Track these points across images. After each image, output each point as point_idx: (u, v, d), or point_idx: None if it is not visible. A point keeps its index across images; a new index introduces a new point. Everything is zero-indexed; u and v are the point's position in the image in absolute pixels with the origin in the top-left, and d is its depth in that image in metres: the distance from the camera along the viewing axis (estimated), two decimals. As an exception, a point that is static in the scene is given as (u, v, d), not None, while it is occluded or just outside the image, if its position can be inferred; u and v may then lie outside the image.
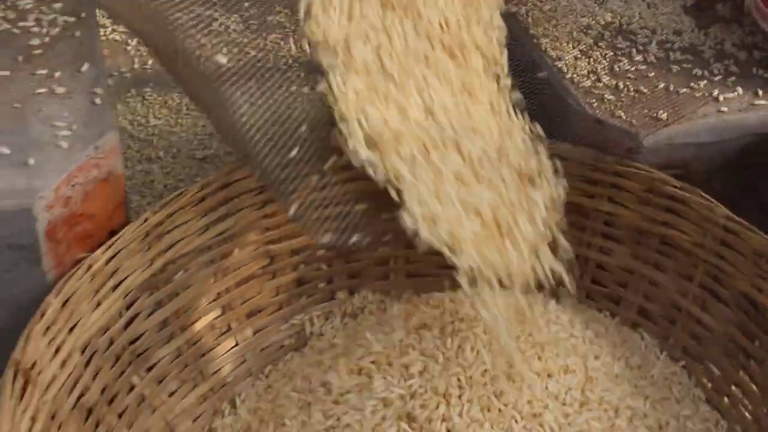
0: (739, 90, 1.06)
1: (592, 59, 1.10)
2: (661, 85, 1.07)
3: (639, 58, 1.11)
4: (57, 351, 0.90)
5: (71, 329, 0.92)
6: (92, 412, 0.95)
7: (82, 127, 0.95)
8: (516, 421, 0.86)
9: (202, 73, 0.85)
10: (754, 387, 0.98)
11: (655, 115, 1.03)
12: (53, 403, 0.89)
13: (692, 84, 1.07)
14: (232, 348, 1.07)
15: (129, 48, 1.54)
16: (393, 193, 0.85)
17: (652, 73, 1.09)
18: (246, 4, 0.96)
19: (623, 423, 0.90)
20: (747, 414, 0.99)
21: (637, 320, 1.06)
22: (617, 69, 1.09)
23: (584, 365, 0.92)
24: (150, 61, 1.51)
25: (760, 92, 1.06)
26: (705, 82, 1.07)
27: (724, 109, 1.04)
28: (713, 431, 0.98)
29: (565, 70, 1.08)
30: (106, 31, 1.54)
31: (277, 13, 1.01)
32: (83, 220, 0.94)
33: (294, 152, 0.90)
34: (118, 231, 0.97)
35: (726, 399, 1.00)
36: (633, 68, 1.09)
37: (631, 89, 1.06)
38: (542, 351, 0.91)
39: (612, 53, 1.11)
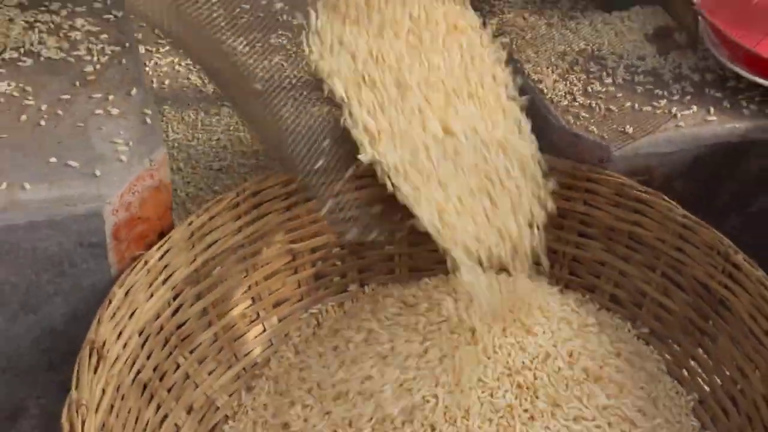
0: (694, 107, 1.24)
1: (568, 82, 1.27)
2: (628, 104, 1.24)
3: (608, 80, 1.28)
4: (120, 334, 1.06)
5: (131, 315, 1.08)
6: (147, 387, 1.11)
7: (136, 143, 1.11)
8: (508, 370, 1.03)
9: (250, 92, 1.02)
10: (709, 360, 1.16)
11: (623, 129, 1.20)
12: (118, 378, 1.05)
13: (654, 102, 1.24)
14: (260, 333, 1.23)
15: (147, 68, 1.68)
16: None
17: (620, 94, 1.26)
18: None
19: (597, 388, 1.07)
20: (703, 384, 1.16)
21: (609, 305, 1.23)
22: (590, 90, 1.27)
23: (565, 340, 1.09)
24: (167, 81, 1.65)
25: (712, 110, 1.23)
26: (665, 101, 1.25)
27: (681, 124, 1.21)
28: (674, 398, 1.15)
29: (546, 92, 1.25)
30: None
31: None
32: (140, 223, 1.10)
33: (320, 162, 1.06)
34: (166, 232, 1.13)
35: (685, 371, 1.18)
36: (603, 89, 1.27)
37: (602, 108, 1.24)
38: (525, 320, 1.08)
39: (585, 76, 1.29)
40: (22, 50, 1.23)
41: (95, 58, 1.23)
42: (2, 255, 1.04)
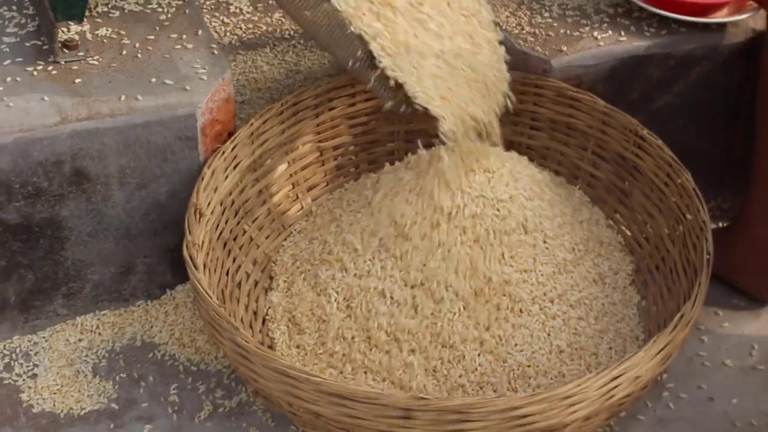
0: (610, 32, 1.68)
1: (517, 16, 1.72)
2: (562, 31, 1.69)
3: (546, 14, 1.72)
4: (209, 203, 1.49)
5: (215, 190, 1.50)
6: (226, 244, 1.53)
7: (210, 67, 1.53)
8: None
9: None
10: (627, 211, 1.61)
11: (559, 48, 1.65)
12: (209, 234, 1.48)
13: (580, 29, 1.69)
14: (299, 210, 1.66)
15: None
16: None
17: (556, 24, 1.70)
18: None
19: (551, 224, 1.52)
20: (626, 229, 1.62)
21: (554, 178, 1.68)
22: (533, 22, 1.71)
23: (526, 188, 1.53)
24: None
25: (623, 33, 1.68)
26: (588, 27, 1.69)
27: (601, 44, 1.66)
28: (611, 236, 1.60)
29: (501, 24, 1.69)
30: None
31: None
32: (217, 124, 1.52)
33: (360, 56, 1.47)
34: (234, 132, 1.56)
35: (612, 221, 1.63)
36: (543, 21, 1.71)
37: (543, 34, 1.68)
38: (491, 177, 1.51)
39: (530, 12, 1.73)
40: (109, 5, 1.64)
41: (166, 10, 1.64)
42: (126, 146, 1.46)
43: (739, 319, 1.64)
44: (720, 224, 1.77)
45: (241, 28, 2.04)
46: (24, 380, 1.50)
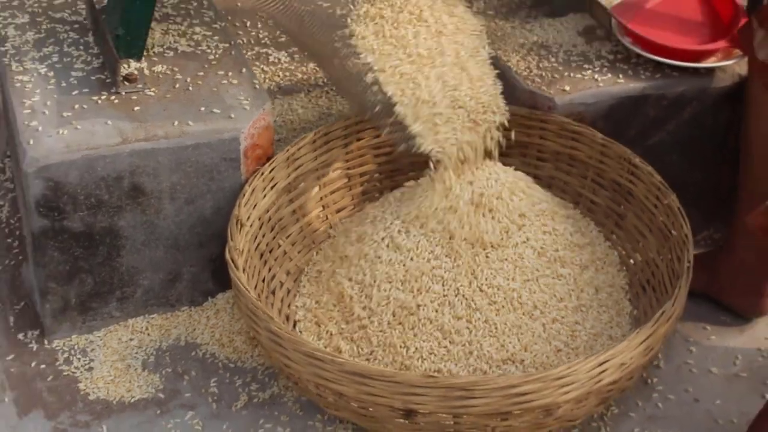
0: (609, 75, 1.88)
1: (527, 61, 1.92)
2: (566, 73, 1.88)
3: (553, 59, 1.92)
4: (248, 217, 1.69)
5: (254, 206, 1.70)
6: (262, 255, 1.73)
7: (253, 99, 1.74)
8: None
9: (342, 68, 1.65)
10: (623, 233, 1.79)
11: (563, 88, 1.85)
12: (248, 244, 1.67)
13: (582, 72, 1.88)
14: (328, 228, 1.85)
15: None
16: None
17: (561, 68, 1.90)
18: None
19: (553, 240, 1.70)
20: (621, 249, 1.80)
21: (558, 205, 1.87)
22: (541, 66, 1.91)
23: (532, 203, 1.71)
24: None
25: (620, 75, 1.87)
26: (590, 71, 1.89)
27: (601, 84, 1.85)
28: (608, 252, 1.78)
29: (512, 68, 1.89)
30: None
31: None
32: (257, 148, 1.73)
33: (377, 109, 1.68)
34: (272, 156, 1.76)
35: (608, 242, 1.81)
36: (550, 65, 1.91)
37: (550, 76, 1.88)
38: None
39: (538, 57, 1.93)
40: (164, 47, 1.86)
41: (214, 51, 1.86)
42: (178, 165, 1.66)
43: (726, 333, 1.81)
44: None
45: (279, 76, 2.27)
46: (81, 372, 1.69)
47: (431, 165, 1.67)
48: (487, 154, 1.70)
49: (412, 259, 1.64)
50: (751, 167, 1.79)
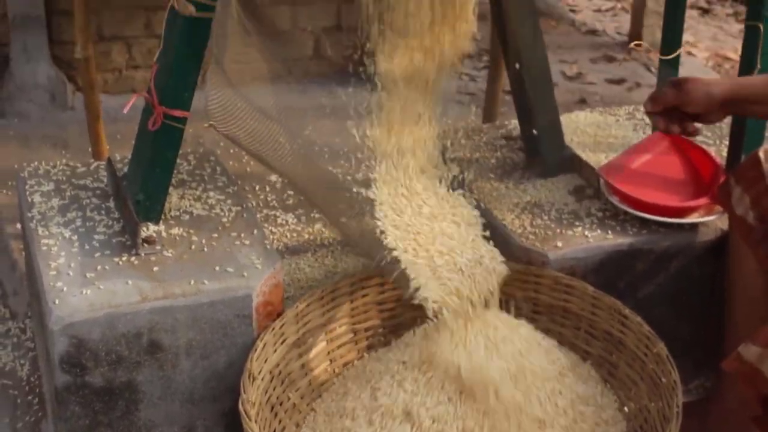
0: (599, 231, 2.00)
1: (521, 219, 2.04)
2: (558, 230, 2.00)
3: (546, 217, 2.05)
4: (260, 371, 1.78)
5: (265, 360, 1.80)
6: (273, 407, 1.81)
7: (264, 259, 1.85)
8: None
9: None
10: (616, 381, 1.88)
11: (555, 245, 1.96)
12: (259, 397, 1.76)
13: (573, 229, 2.00)
14: (336, 382, 1.94)
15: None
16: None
17: (553, 225, 2.02)
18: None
19: (548, 385, 1.78)
20: (615, 397, 1.88)
21: (554, 355, 1.96)
22: (534, 223, 2.03)
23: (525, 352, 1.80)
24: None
25: (609, 232, 1.99)
26: (580, 228, 2.01)
27: (591, 240, 1.97)
28: (601, 395, 1.86)
29: (507, 226, 2.01)
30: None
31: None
32: (269, 305, 1.83)
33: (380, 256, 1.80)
34: (282, 312, 1.86)
35: (602, 386, 1.89)
36: (543, 223, 2.03)
37: (543, 233, 2.00)
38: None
39: (531, 216, 2.05)
40: (180, 210, 1.98)
41: (227, 214, 1.98)
42: (194, 321, 1.76)
43: (718, 478, 1.88)
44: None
45: (287, 237, 2.39)
46: None
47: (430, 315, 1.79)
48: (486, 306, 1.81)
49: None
50: (734, 316, 1.89)
